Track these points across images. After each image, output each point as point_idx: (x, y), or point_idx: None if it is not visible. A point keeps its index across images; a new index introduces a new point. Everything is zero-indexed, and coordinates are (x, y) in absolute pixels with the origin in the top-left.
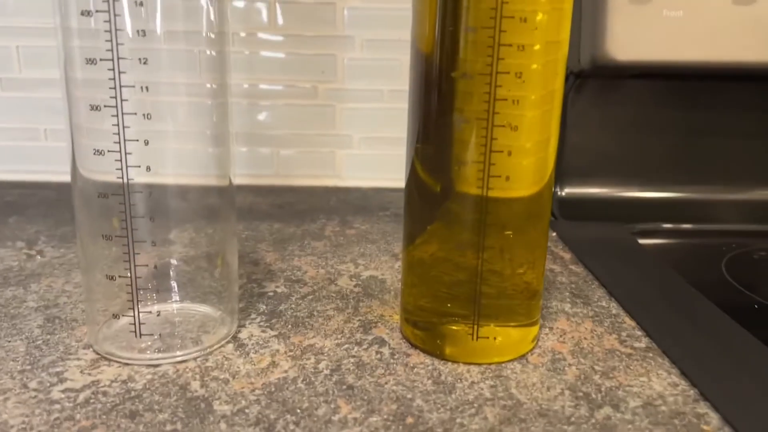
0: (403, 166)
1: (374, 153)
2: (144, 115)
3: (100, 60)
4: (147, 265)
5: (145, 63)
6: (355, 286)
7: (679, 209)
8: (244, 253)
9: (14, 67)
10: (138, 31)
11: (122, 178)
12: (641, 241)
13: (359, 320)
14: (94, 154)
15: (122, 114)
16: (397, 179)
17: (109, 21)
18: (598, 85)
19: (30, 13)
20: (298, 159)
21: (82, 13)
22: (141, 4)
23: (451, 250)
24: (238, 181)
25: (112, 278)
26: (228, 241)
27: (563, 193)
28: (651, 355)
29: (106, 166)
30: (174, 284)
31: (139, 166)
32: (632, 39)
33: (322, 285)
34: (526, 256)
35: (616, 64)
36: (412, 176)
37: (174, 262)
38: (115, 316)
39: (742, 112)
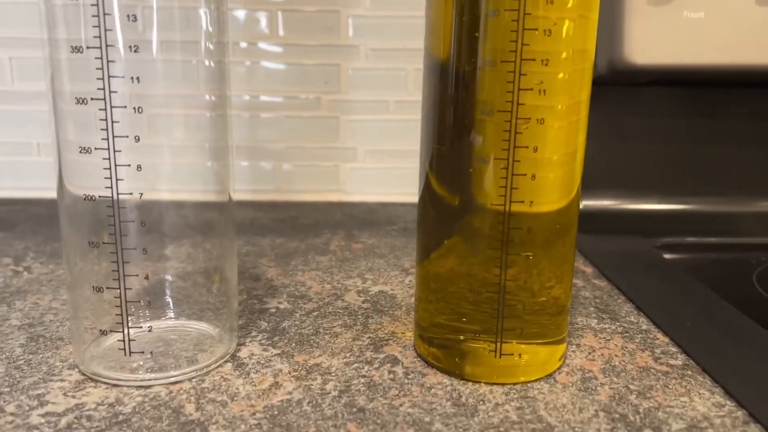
0: (411, 180)
1: (380, 166)
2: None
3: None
4: (137, 275)
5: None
6: (363, 302)
7: (700, 222)
8: (244, 269)
9: (7, 79)
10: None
11: (112, 194)
12: (665, 255)
13: (369, 338)
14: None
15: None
16: (405, 194)
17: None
18: (615, 93)
19: (24, 23)
20: (300, 173)
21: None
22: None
23: (473, 265)
24: (238, 196)
25: (99, 290)
26: (227, 257)
27: (580, 206)
28: (690, 373)
29: (96, 181)
30: (168, 300)
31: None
32: (651, 42)
33: (328, 301)
34: (554, 270)
35: (635, 68)
36: (427, 189)
37: (168, 277)
38: (103, 333)
39: (765, 121)
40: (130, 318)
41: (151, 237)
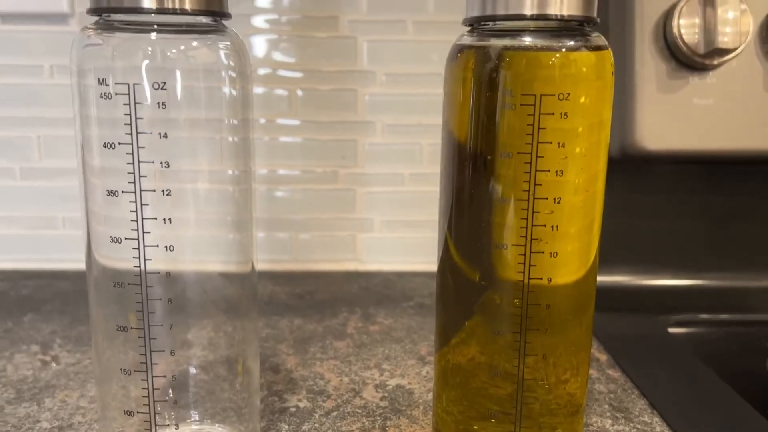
0: (425, 248)
1: (396, 236)
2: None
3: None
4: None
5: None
6: (381, 399)
7: (714, 298)
8: (264, 357)
9: (35, 156)
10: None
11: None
12: (678, 330)
13: None
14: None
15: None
16: (420, 262)
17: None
18: (628, 169)
19: (53, 103)
20: (317, 243)
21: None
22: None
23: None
24: (256, 267)
25: (129, 414)
26: (249, 342)
27: None
28: None
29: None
30: (192, 401)
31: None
32: (662, 128)
33: (346, 398)
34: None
35: (646, 153)
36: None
37: (193, 370)
38: None
39: None
40: (156, 418)
41: (177, 317)
